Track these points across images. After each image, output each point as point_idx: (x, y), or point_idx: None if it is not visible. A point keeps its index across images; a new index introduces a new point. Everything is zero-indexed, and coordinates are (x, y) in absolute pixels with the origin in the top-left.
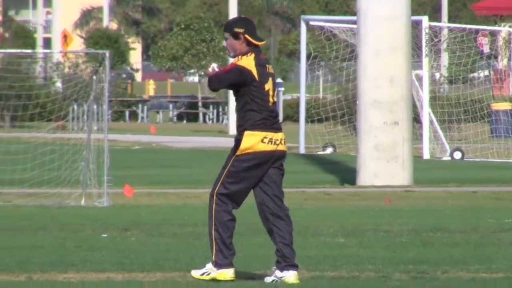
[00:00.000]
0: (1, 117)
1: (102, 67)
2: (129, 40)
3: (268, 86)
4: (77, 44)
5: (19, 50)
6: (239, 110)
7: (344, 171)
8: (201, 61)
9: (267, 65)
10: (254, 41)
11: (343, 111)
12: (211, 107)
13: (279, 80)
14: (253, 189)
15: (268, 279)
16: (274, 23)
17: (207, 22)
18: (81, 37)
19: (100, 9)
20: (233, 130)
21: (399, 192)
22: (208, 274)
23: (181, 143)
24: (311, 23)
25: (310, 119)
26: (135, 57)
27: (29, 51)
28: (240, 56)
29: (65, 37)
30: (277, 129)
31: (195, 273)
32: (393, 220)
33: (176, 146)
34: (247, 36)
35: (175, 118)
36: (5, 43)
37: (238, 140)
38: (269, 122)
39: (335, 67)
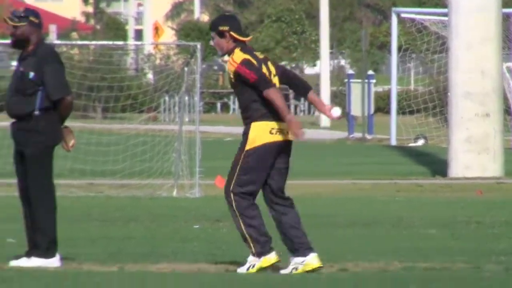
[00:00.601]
0: (93, 108)
1: (194, 59)
2: None
3: (264, 70)
4: (168, 36)
5: (110, 42)
6: (242, 102)
7: (436, 163)
8: (292, 53)
9: (255, 53)
10: (239, 37)
11: (435, 103)
12: (302, 99)
13: (370, 72)
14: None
15: (285, 270)
16: (366, 15)
17: (298, 14)
18: (173, 29)
19: (191, 1)
20: (325, 122)
21: (491, 184)
22: (253, 266)
23: None
24: (402, 15)
25: (401, 111)
26: None
27: (120, 43)
28: (230, 58)
29: (156, 29)
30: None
31: (241, 270)
32: (485, 212)
33: None
34: (232, 33)
35: None
36: (97, 35)
37: (245, 133)
38: (274, 110)
39: (426, 59)
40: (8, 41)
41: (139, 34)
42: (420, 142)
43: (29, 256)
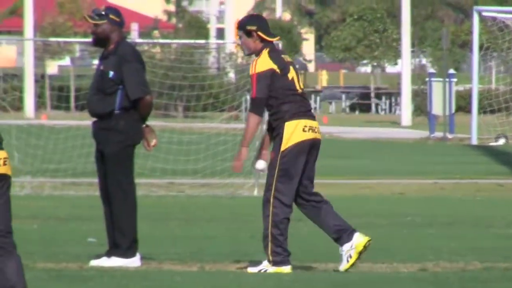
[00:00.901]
0: (175, 107)
1: None
2: (302, 30)
3: (291, 74)
4: None
5: (192, 41)
6: (272, 106)
7: None
8: (373, 52)
9: (283, 56)
10: (267, 38)
11: None
12: (383, 97)
13: (451, 70)
14: None
15: (342, 264)
16: (447, 13)
17: (380, 12)
18: None
19: (273, 0)
20: (406, 121)
21: None
22: (265, 270)
23: (353, 134)
24: (484, 14)
25: (482, 110)
26: (308, 47)
27: (202, 41)
28: (255, 60)
29: None
30: (313, 116)
31: (252, 270)
32: None
33: (349, 137)
34: (259, 33)
35: (347, 109)
36: (179, 33)
37: (279, 134)
38: (304, 109)
39: (507, 58)
40: (89, 39)
41: (220, 33)
42: (501, 141)
43: (109, 255)
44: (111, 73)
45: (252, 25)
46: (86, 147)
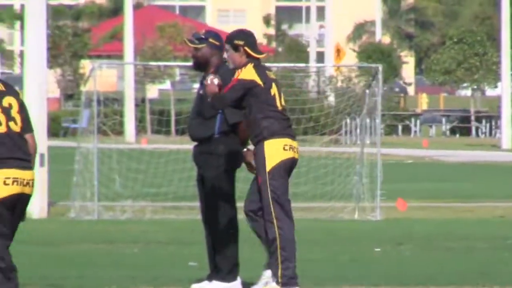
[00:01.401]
0: None
1: (375, 81)
2: (402, 54)
3: (273, 91)
4: (350, 58)
5: (292, 64)
6: (252, 121)
7: None
8: (473, 75)
9: (267, 71)
10: (253, 53)
11: None
12: (483, 121)
13: None
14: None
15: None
16: None
17: (479, 35)
18: (354, 50)
19: (372, 23)
20: (506, 144)
21: None
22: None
23: (453, 157)
24: None
25: None
26: (408, 71)
27: (302, 65)
28: (240, 70)
29: (338, 51)
30: (293, 135)
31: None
32: None
33: (449, 160)
34: (246, 48)
35: (447, 132)
36: (279, 57)
37: (259, 153)
38: (284, 128)
39: None
40: (189, 63)
41: (320, 56)
42: None
43: (210, 279)
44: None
45: (240, 40)
46: (187, 171)
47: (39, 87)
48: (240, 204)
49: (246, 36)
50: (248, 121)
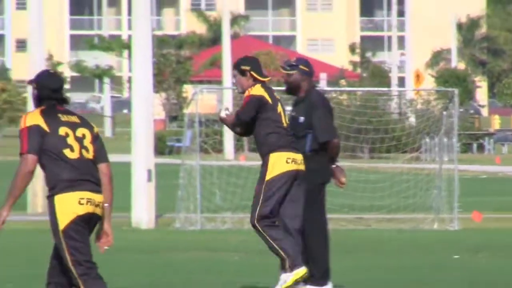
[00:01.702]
0: (361, 149)
1: (452, 104)
2: (476, 79)
3: (279, 109)
4: (428, 82)
5: (376, 88)
6: (259, 135)
7: None
8: None
9: (274, 93)
10: (258, 77)
11: None
12: None
13: None
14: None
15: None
16: None
17: None
18: (432, 76)
19: (449, 51)
20: None
21: None
22: (285, 282)
23: None
24: None
25: None
26: (481, 94)
27: (384, 89)
28: (248, 90)
29: (417, 76)
30: (297, 149)
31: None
32: None
33: None
34: (252, 72)
35: None
36: (364, 81)
37: (264, 164)
38: (287, 142)
39: None
40: (282, 88)
41: (401, 81)
42: None
43: (305, 283)
44: (301, 118)
45: (246, 66)
46: None
47: (146, 110)
48: (329, 216)
49: (251, 61)
50: (257, 133)
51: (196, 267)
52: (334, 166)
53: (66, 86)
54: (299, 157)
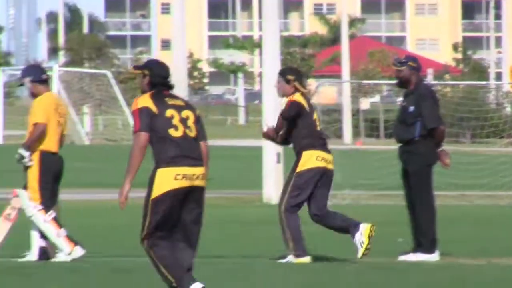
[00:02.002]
0: (463, 135)
1: None
2: None
3: (315, 116)
4: None
5: (476, 82)
6: (296, 136)
7: None
8: None
9: (310, 101)
10: (300, 87)
11: None
12: None
13: None
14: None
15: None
16: None
17: None
18: None
19: None
20: None
21: None
22: (290, 262)
23: None
24: None
25: None
26: None
27: (483, 82)
28: (290, 97)
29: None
30: (328, 150)
31: (281, 260)
32: None
33: None
34: (296, 83)
35: None
36: (465, 76)
37: (296, 160)
38: (319, 144)
39: None
40: (394, 81)
41: (498, 76)
42: None
43: (414, 252)
44: (411, 108)
45: (292, 76)
46: (393, 167)
47: (275, 101)
48: (436, 193)
49: (296, 73)
50: (292, 136)
51: (317, 236)
52: (440, 150)
53: (205, 80)
54: (329, 157)
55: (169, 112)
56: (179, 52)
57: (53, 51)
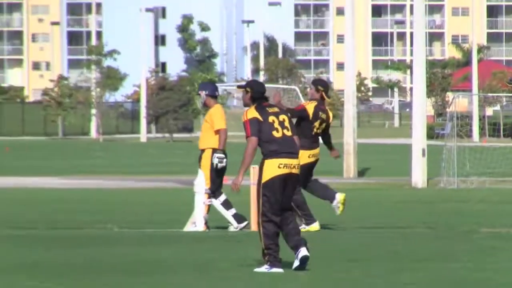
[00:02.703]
0: None
1: None
2: None
3: (316, 124)
4: None
5: None
6: (297, 133)
7: None
8: None
9: (324, 111)
10: (325, 96)
11: None
12: None
13: None
14: None
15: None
16: None
17: None
18: None
19: None
20: None
21: None
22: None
23: None
24: None
25: None
26: None
27: None
28: (309, 102)
29: None
30: (315, 148)
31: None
32: None
33: None
34: (323, 93)
35: None
36: None
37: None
38: (311, 143)
39: None
40: (510, 94)
41: None
42: None
43: None
44: None
45: (322, 87)
46: (510, 159)
47: (422, 109)
48: None
49: (325, 85)
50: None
51: (453, 213)
52: None
53: (369, 93)
54: (315, 151)
55: (271, 119)
56: (350, 72)
57: (255, 71)
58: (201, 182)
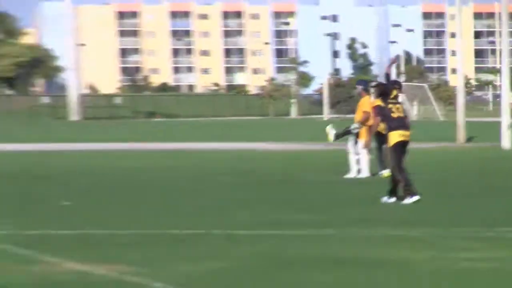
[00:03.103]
0: None
1: None
2: None
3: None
4: None
5: None
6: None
7: None
8: None
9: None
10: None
11: None
12: None
13: None
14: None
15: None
16: None
17: None
18: None
19: None
20: None
21: None
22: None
23: None
24: None
25: None
26: None
27: None
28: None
29: None
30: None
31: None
32: None
33: None
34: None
35: None
36: None
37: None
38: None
39: None
40: None
41: None
42: None
43: None
44: None
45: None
46: None
47: (506, 98)
48: None
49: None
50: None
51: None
52: None
53: (473, 88)
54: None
55: (390, 105)
56: (460, 74)
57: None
58: (360, 144)
